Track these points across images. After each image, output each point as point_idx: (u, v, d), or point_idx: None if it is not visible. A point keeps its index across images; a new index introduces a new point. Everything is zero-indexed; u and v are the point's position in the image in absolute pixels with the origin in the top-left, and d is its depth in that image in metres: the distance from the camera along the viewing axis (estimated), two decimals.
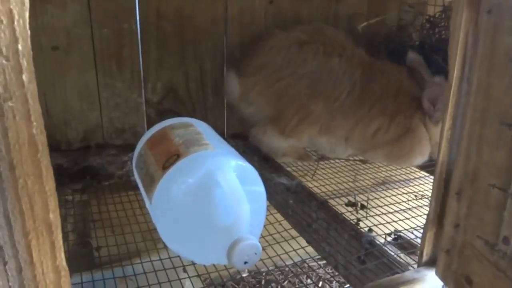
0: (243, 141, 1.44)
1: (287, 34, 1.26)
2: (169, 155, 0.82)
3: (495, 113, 0.52)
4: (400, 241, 0.97)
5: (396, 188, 1.20)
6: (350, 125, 1.21)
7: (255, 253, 0.69)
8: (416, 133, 1.19)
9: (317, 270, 1.19)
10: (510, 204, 0.51)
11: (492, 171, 0.53)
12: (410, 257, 0.85)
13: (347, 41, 1.28)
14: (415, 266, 0.74)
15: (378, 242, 0.89)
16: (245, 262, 0.69)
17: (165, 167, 0.80)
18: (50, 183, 0.41)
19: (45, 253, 0.43)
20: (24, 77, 0.38)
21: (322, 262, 1.11)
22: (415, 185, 1.22)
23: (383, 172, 1.28)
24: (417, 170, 1.31)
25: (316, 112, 1.20)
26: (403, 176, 1.28)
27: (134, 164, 0.96)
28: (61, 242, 0.44)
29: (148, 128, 1.37)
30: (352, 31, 1.55)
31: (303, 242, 0.95)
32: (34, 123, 0.39)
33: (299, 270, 1.13)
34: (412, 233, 0.94)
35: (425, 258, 0.69)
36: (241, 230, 0.70)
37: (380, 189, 1.15)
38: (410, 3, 1.53)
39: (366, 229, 0.96)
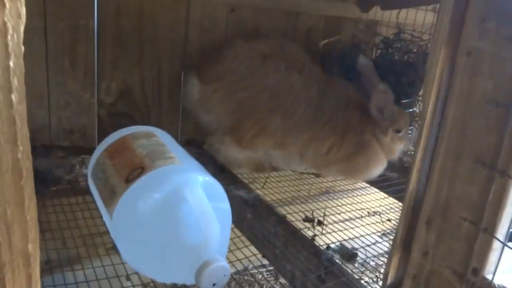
0: (196, 148, 1.42)
1: (251, 46, 1.26)
2: (132, 167, 0.79)
3: (470, 151, 0.55)
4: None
5: (341, 198, 1.24)
6: (304, 142, 1.23)
7: (224, 275, 0.68)
8: (370, 148, 1.22)
9: (259, 278, 1.20)
10: (481, 238, 0.54)
11: (464, 205, 0.56)
12: (368, 277, 0.87)
13: (306, 57, 1.30)
14: (374, 285, 0.77)
15: (337, 261, 0.91)
16: (214, 284, 0.67)
17: (128, 180, 0.77)
18: (32, 212, 0.38)
19: (20, 286, 0.39)
20: (13, 96, 0.35)
21: (263, 270, 1.13)
22: (358, 195, 1.27)
23: (328, 183, 1.32)
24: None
25: (273, 126, 1.20)
26: (346, 186, 1.33)
27: (90, 172, 0.90)
28: (38, 275, 0.40)
29: (100, 130, 1.31)
30: (309, 45, 1.57)
31: (247, 252, 0.96)
32: (20, 147, 0.36)
33: (241, 278, 1.13)
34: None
35: (389, 281, 0.71)
36: (210, 251, 0.68)
37: (335, 205, 1.17)
38: (365, 23, 1.58)
39: (324, 246, 0.97)
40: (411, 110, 1.43)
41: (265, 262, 1.00)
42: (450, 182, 0.58)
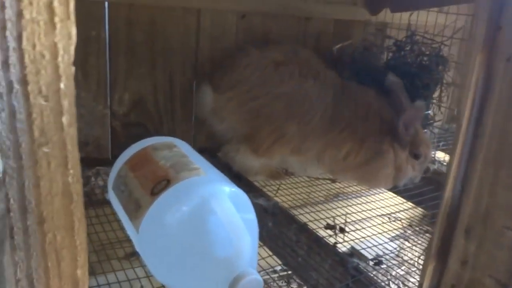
0: (210, 157, 1.41)
1: (264, 53, 1.25)
2: (157, 180, 0.78)
3: (511, 157, 0.54)
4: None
5: (360, 204, 1.22)
6: (321, 147, 1.21)
7: None
8: (385, 156, 1.21)
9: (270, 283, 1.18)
10: None
11: (508, 213, 0.55)
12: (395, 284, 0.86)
13: (320, 63, 1.29)
14: None
15: (363, 269, 0.89)
16: None
17: (154, 193, 0.75)
18: (81, 237, 0.37)
19: None
20: (64, 119, 0.34)
21: (275, 275, 1.11)
22: (377, 200, 1.26)
23: (345, 188, 1.32)
24: None
25: (290, 134, 1.19)
26: (353, 188, 1.33)
27: (111, 185, 0.89)
28: None
29: (113, 141, 1.30)
30: (319, 49, 1.56)
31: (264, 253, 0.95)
32: (71, 171, 0.35)
33: None
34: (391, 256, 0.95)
35: None
36: (243, 264, 0.67)
37: (355, 211, 1.16)
38: (376, 26, 1.58)
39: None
40: (426, 112, 1.42)
41: (277, 267, 0.99)
42: (491, 189, 0.57)
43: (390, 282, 0.90)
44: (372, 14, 1.58)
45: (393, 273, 0.95)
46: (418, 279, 0.71)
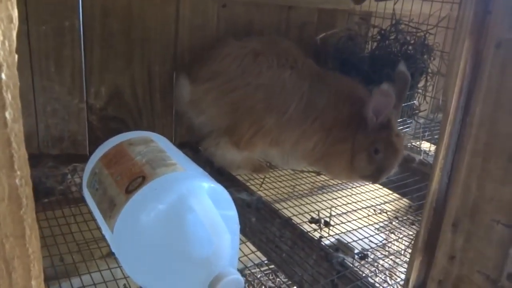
0: (191, 151, 1.37)
1: (242, 44, 1.21)
2: (132, 177, 0.74)
3: (502, 148, 0.51)
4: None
5: (345, 196, 1.19)
6: (295, 138, 1.17)
7: None
8: (342, 146, 1.15)
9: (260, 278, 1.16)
10: None
11: (497, 206, 0.52)
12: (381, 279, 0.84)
13: (298, 52, 1.25)
14: None
15: (349, 263, 0.87)
16: None
17: (129, 191, 0.72)
18: (34, 245, 0.33)
19: None
20: (7, 114, 0.30)
21: (263, 268, 1.09)
22: (362, 192, 1.23)
23: (326, 181, 1.30)
24: None
25: (269, 125, 1.15)
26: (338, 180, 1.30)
27: (85, 183, 0.85)
28: None
29: (90, 136, 1.26)
30: (303, 39, 1.53)
31: (246, 249, 0.92)
32: (18, 172, 0.31)
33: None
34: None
35: (411, 285, 0.67)
36: (222, 263, 0.64)
37: (340, 203, 1.13)
38: (360, 15, 1.55)
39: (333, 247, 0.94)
40: (410, 103, 1.40)
41: (264, 259, 0.96)
42: (479, 182, 0.55)
43: (377, 274, 0.87)
44: (356, 3, 1.55)
45: (380, 265, 0.92)
46: (405, 272, 0.69)
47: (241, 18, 1.40)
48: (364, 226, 1.03)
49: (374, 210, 1.14)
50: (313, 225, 1.04)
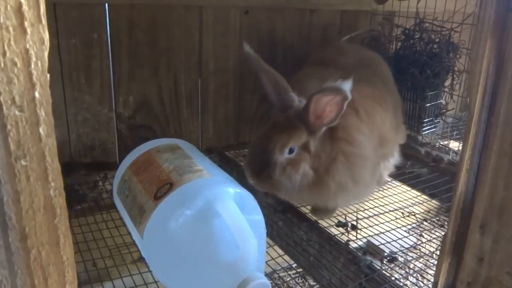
0: (218, 156, 1.39)
1: None
2: (160, 184, 0.76)
3: None
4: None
5: (372, 200, 1.17)
6: None
7: None
8: None
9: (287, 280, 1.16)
10: None
11: None
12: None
13: None
14: None
15: (377, 266, 0.87)
16: None
17: (157, 197, 0.74)
18: (68, 252, 0.35)
19: None
20: (41, 130, 0.32)
21: (292, 272, 1.09)
22: (389, 195, 1.21)
23: None
24: None
25: None
26: None
27: (115, 190, 0.88)
28: None
29: (120, 144, 1.29)
30: (325, 42, 1.53)
31: (274, 253, 0.93)
32: (52, 184, 0.33)
33: (270, 281, 1.10)
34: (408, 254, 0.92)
35: None
36: (249, 268, 0.65)
37: (367, 207, 1.13)
38: (383, 15, 1.53)
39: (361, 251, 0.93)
40: (437, 102, 1.38)
41: (293, 263, 0.96)
42: (506, 182, 0.54)
43: (407, 277, 0.87)
44: (379, 3, 1.54)
45: (409, 268, 0.92)
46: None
47: (264, 23, 1.42)
48: (392, 229, 1.02)
49: (403, 213, 1.13)
50: (340, 229, 1.03)
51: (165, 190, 0.74)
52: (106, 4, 1.16)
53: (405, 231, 1.03)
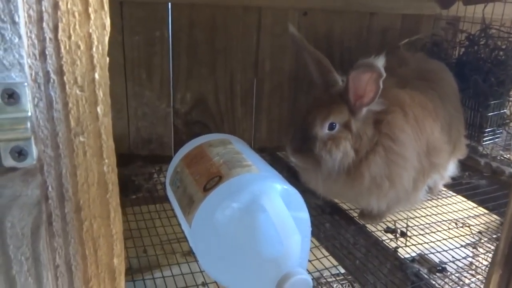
0: (270, 156, 1.40)
1: None
2: (210, 176, 0.78)
3: None
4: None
5: (424, 208, 1.14)
6: None
7: None
8: None
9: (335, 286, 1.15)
10: None
11: None
12: None
13: None
14: None
15: (424, 275, 0.84)
16: None
17: (206, 189, 0.76)
18: (117, 226, 0.37)
19: None
20: (99, 109, 0.34)
21: (340, 278, 1.07)
22: (443, 205, 1.16)
23: None
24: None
25: None
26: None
27: (168, 181, 0.91)
28: None
29: (176, 139, 1.34)
30: (384, 46, 1.50)
31: (324, 259, 0.92)
32: (106, 161, 0.35)
33: (317, 287, 1.09)
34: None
35: None
36: (291, 263, 0.66)
37: (419, 215, 1.09)
38: (447, 20, 1.49)
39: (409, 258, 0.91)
40: (501, 111, 1.31)
41: (342, 270, 0.95)
42: None
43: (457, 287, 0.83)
44: (443, 7, 1.50)
45: (460, 280, 0.88)
46: None
47: (322, 25, 1.42)
48: (444, 239, 0.99)
49: (456, 223, 1.08)
50: (389, 235, 1.01)
51: (214, 183, 0.76)
52: (169, 4, 1.21)
53: (457, 242, 0.99)
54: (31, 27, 0.31)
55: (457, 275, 0.91)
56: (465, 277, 0.92)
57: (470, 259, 0.92)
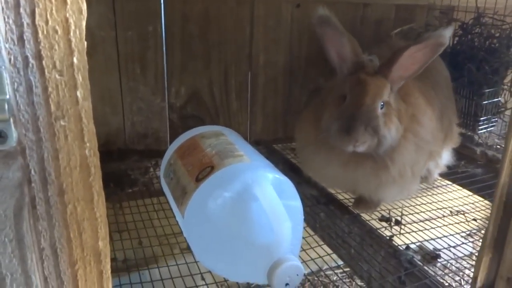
0: (266, 148, 1.41)
1: None
2: (202, 167, 0.79)
3: None
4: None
5: (419, 197, 1.14)
6: None
7: (297, 274, 0.65)
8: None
9: (333, 279, 1.16)
10: None
11: None
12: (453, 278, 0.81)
13: None
14: None
15: (418, 262, 0.85)
16: (286, 284, 0.65)
17: (198, 179, 0.77)
18: (101, 209, 0.38)
19: (91, 283, 0.39)
20: (78, 93, 0.35)
21: (339, 271, 1.08)
22: (438, 193, 1.17)
23: None
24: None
25: None
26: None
27: (162, 173, 0.92)
28: (109, 271, 0.40)
29: (171, 133, 1.34)
30: (378, 36, 1.51)
31: (321, 251, 0.93)
32: (87, 144, 0.36)
33: (315, 279, 1.10)
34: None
35: (479, 284, 0.64)
36: (282, 250, 0.66)
37: (413, 204, 1.10)
38: (441, 9, 1.48)
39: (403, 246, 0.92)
40: (495, 100, 1.31)
41: (340, 262, 0.96)
42: None
43: (447, 275, 0.84)
44: None
45: (452, 268, 0.89)
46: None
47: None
48: (438, 226, 0.99)
49: (451, 211, 1.09)
50: (383, 223, 1.02)
51: (206, 173, 0.77)
52: None
53: (451, 229, 0.99)
54: (9, 12, 0.31)
55: (451, 261, 0.92)
56: (457, 262, 0.92)
57: (465, 246, 0.92)
